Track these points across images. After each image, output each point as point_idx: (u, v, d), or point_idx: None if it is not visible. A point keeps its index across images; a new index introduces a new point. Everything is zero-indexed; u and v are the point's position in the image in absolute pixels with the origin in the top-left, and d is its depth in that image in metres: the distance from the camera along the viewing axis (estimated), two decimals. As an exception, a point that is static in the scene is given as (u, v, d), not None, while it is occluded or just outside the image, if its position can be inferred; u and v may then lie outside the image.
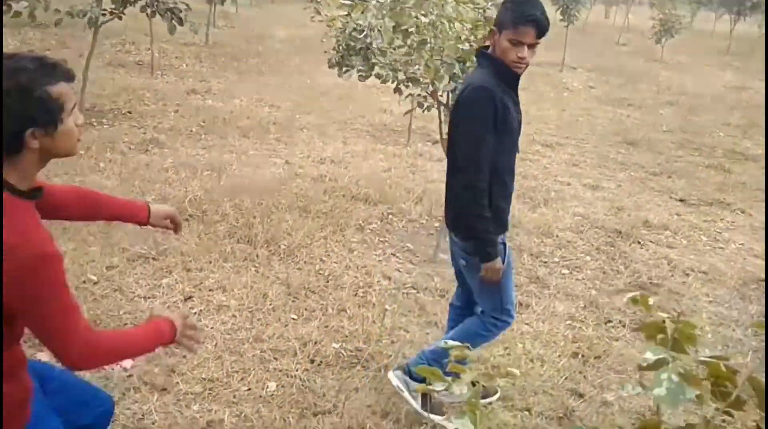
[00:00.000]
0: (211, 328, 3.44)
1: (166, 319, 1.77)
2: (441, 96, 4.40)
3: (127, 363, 3.01)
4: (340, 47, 3.87)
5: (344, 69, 3.82)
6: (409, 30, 3.68)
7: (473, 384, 1.07)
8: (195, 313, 3.56)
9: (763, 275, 4.72)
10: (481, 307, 2.84)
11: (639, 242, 5.15)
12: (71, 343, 1.54)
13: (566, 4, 14.15)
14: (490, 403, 3.00)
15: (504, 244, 2.69)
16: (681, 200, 6.42)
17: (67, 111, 1.53)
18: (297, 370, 3.16)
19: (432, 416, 2.84)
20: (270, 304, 3.72)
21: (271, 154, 6.59)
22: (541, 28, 2.42)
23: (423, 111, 4.62)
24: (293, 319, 3.63)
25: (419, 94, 4.38)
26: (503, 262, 2.63)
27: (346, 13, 3.61)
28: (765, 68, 10.60)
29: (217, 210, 4.84)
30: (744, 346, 3.79)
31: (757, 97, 13.47)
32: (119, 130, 6.82)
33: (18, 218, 1.47)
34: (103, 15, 6.90)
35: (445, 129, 3.43)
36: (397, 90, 4.49)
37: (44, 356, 2.50)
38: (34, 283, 1.46)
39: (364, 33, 3.51)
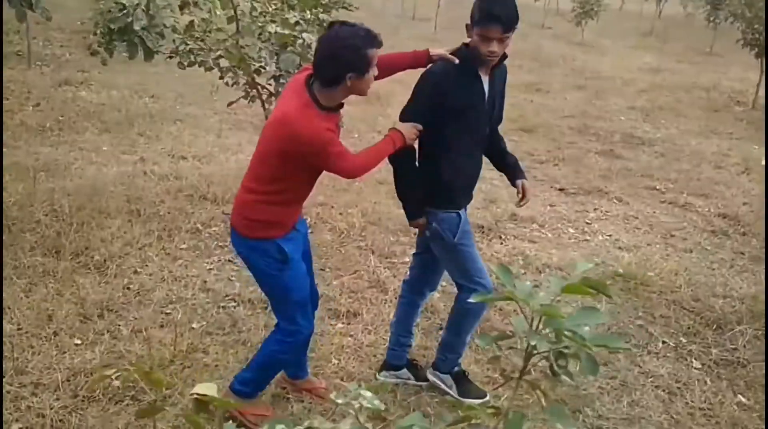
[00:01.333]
0: (-34, 361, 2.99)
1: (396, 130, 2.60)
2: (269, 84, 4.01)
3: None
4: (100, 30, 3.42)
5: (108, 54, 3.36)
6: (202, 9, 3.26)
7: None
8: (-46, 343, 3.09)
9: (621, 270, 4.51)
10: (454, 280, 3.00)
11: (500, 237, 4.89)
12: (353, 173, 2.53)
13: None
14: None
15: (459, 214, 2.85)
16: (561, 190, 6.20)
17: (372, 67, 2.32)
18: (53, 408, 2.75)
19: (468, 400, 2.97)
20: (52, 328, 3.28)
21: (126, 151, 6.08)
22: (507, 24, 2.54)
23: (248, 102, 4.21)
24: (76, 344, 3.21)
25: (245, 83, 3.98)
26: (456, 233, 2.83)
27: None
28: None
29: (31, 217, 4.35)
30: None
31: (672, 77, 13.51)
32: (-42, 127, 6.20)
33: (317, 122, 2.31)
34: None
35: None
36: (221, 78, 4.07)
37: None
38: (316, 154, 2.36)
39: (125, 11, 3.08)
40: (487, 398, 3.05)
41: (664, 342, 3.72)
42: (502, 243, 4.82)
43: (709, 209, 5.86)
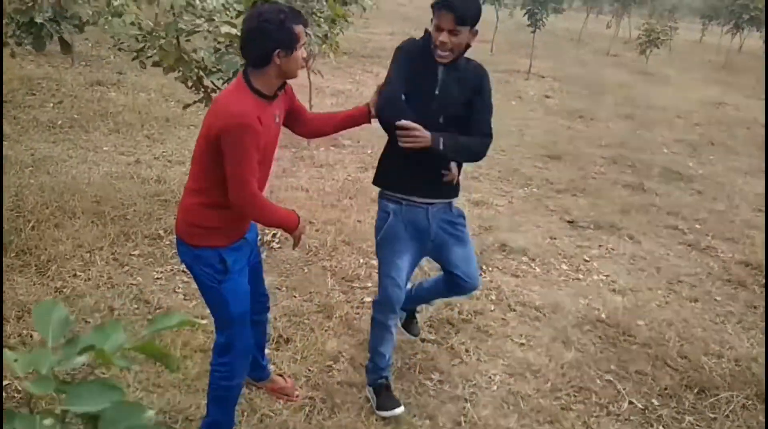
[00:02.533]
0: None
1: (298, 216, 2.45)
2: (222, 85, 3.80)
3: None
4: (13, 22, 3.29)
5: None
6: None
7: None
8: None
9: (603, 316, 4.05)
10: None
11: (482, 267, 4.50)
12: (241, 189, 2.21)
13: (532, 9, 13.43)
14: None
15: (389, 213, 2.80)
16: (570, 222, 5.74)
17: (299, 44, 2.22)
18: None
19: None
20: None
21: (125, 152, 6.04)
22: (460, 15, 2.47)
23: (204, 105, 4.03)
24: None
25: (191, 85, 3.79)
26: (381, 228, 2.83)
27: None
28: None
29: (-6, 211, 4.29)
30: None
31: (733, 112, 12.70)
32: (-29, 119, 6.32)
33: (245, 103, 2.18)
34: None
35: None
36: (177, 79, 3.90)
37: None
38: (227, 138, 2.14)
39: (30, 3, 2.94)
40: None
41: (631, 402, 3.26)
42: (483, 273, 4.43)
43: (732, 255, 5.28)
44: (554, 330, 3.84)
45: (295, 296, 3.93)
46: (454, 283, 3.00)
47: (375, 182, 2.90)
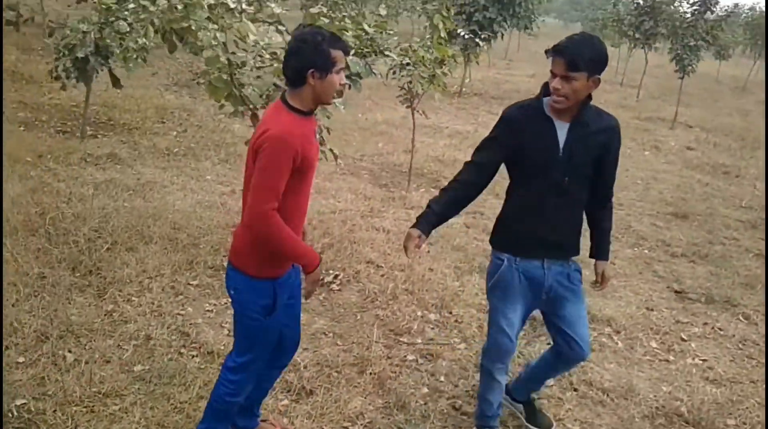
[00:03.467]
0: None
1: (319, 257, 2.38)
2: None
3: None
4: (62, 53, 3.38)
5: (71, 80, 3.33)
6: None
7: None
8: None
9: (685, 409, 3.44)
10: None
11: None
12: (259, 201, 2.18)
13: (679, 54, 12.46)
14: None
15: (503, 260, 2.73)
16: (677, 292, 5.07)
17: (336, 69, 2.25)
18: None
19: None
20: (8, 341, 3.30)
21: (224, 182, 6.25)
22: (571, 60, 2.40)
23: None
24: (17, 362, 3.18)
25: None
26: (492, 279, 2.78)
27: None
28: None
29: (77, 231, 4.54)
30: None
31: None
32: (99, 142, 6.88)
33: (285, 120, 2.21)
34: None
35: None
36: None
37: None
38: (266, 150, 2.16)
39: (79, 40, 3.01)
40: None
41: None
42: (548, 343, 3.98)
43: None
44: (618, 419, 3.32)
45: (337, 344, 3.74)
46: (563, 351, 2.84)
47: (493, 242, 2.85)
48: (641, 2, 14.79)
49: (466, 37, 8.69)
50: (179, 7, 2.70)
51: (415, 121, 7.06)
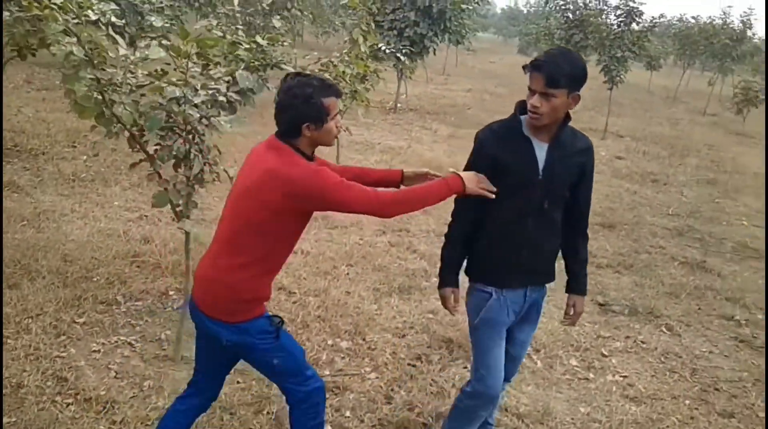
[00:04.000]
0: None
1: (456, 176, 2.38)
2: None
3: None
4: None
5: None
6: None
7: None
8: None
9: (602, 431, 3.29)
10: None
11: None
12: (359, 200, 2.23)
13: (607, 65, 12.66)
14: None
15: (490, 293, 2.55)
16: (601, 305, 4.97)
17: (331, 116, 2.24)
18: None
19: None
20: None
21: (132, 208, 5.88)
22: (549, 76, 2.25)
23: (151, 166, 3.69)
24: None
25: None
26: (479, 313, 2.57)
27: None
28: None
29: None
30: None
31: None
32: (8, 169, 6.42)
33: (300, 161, 2.22)
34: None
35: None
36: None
37: None
38: (316, 189, 2.19)
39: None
40: None
41: None
42: (465, 367, 3.79)
43: (795, 358, 4.33)
44: (533, 447, 3.14)
45: (237, 381, 3.46)
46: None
47: (472, 274, 2.66)
48: (570, 16, 15.02)
49: (388, 52, 8.53)
50: (27, 19, 2.42)
51: (338, 138, 6.83)
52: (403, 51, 11.51)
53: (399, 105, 13.86)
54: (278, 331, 2.38)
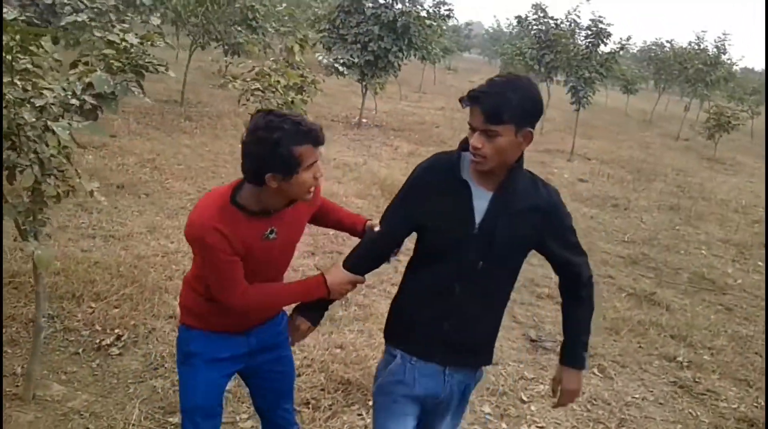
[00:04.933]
0: None
1: (318, 277, 2.08)
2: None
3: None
4: None
5: None
6: None
7: None
8: None
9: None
10: None
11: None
12: (226, 297, 1.98)
13: (575, 86, 12.39)
14: None
15: (393, 356, 2.10)
16: (532, 341, 4.55)
17: (304, 167, 1.89)
18: None
19: None
20: None
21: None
22: (488, 108, 1.80)
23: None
24: None
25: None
26: (382, 376, 2.13)
27: None
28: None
29: None
30: None
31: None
32: None
33: (209, 213, 1.90)
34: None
35: None
36: None
37: None
38: (196, 251, 1.98)
39: None
40: None
41: None
42: (360, 414, 3.33)
43: (736, 406, 3.93)
44: None
45: (88, 427, 2.99)
46: None
47: (385, 334, 2.20)
48: (542, 36, 14.80)
49: (324, 62, 8.15)
50: None
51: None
52: (358, 63, 11.16)
53: (364, 121, 13.48)
54: (187, 356, 2.17)
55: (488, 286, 2.01)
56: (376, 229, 2.16)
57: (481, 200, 1.94)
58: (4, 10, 2.97)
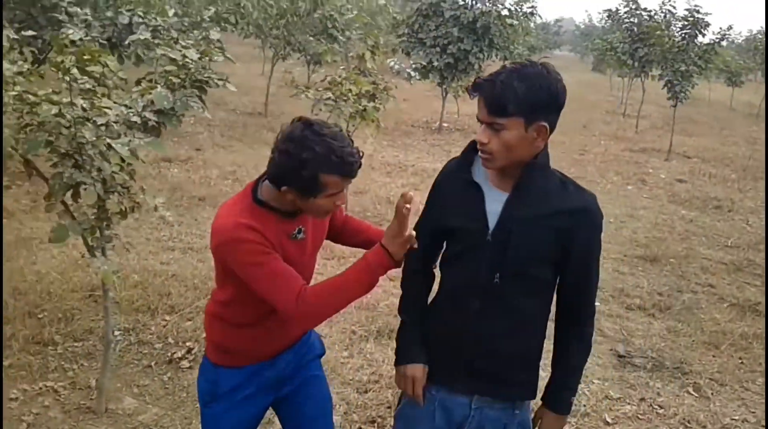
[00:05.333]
0: None
1: (371, 249, 1.79)
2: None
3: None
4: None
5: None
6: None
7: None
8: None
9: None
10: None
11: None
12: (285, 306, 1.75)
13: (671, 81, 11.67)
14: None
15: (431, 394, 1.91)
16: (621, 356, 4.23)
17: (326, 193, 1.75)
18: None
19: None
20: None
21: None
22: (492, 99, 1.63)
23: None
24: None
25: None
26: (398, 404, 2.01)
27: None
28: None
29: None
30: None
31: None
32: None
33: (236, 213, 1.77)
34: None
35: None
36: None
37: None
38: (230, 257, 1.78)
39: None
40: None
41: None
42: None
43: None
44: None
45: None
46: None
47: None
48: (635, 29, 14.08)
49: (396, 68, 8.04)
50: None
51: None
52: (438, 67, 10.99)
53: (445, 125, 13.30)
54: (212, 396, 2.04)
55: (509, 303, 1.77)
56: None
57: (496, 203, 1.75)
58: (70, 31, 3.05)
